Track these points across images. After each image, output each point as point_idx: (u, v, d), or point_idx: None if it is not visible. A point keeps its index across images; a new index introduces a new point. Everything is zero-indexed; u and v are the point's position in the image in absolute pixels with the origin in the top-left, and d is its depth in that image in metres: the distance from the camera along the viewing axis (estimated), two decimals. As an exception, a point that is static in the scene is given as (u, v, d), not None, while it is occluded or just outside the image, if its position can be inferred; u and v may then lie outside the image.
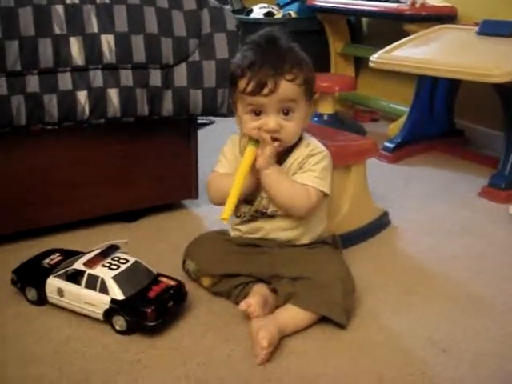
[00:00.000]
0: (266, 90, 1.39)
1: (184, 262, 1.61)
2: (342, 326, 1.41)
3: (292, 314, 1.39)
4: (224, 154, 1.57)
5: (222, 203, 1.44)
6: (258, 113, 1.43)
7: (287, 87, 1.40)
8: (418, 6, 2.83)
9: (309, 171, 1.49)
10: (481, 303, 1.56)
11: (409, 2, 2.86)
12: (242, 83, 1.42)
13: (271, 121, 1.42)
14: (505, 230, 2.01)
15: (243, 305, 1.39)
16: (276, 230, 1.53)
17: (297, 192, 1.46)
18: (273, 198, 1.48)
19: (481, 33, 2.44)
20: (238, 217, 1.56)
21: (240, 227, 1.56)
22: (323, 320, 1.42)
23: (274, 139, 1.43)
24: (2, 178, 1.73)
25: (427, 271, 1.72)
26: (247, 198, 1.51)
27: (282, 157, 1.49)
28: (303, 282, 1.41)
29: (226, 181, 1.45)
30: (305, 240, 1.54)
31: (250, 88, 1.40)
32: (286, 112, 1.43)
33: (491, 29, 2.41)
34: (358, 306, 1.49)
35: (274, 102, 1.41)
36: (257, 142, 1.43)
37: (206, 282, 1.55)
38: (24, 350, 1.33)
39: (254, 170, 1.43)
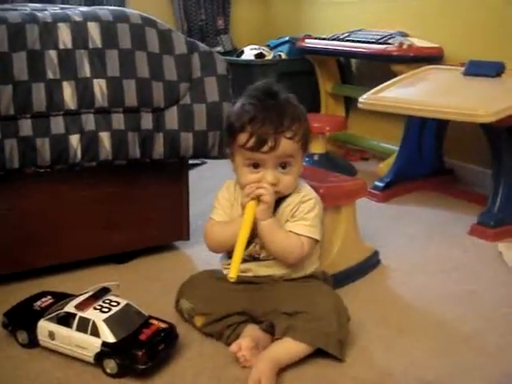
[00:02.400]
0: (266, 148, 1.43)
1: (177, 301, 1.61)
2: (337, 359, 1.42)
3: (287, 347, 1.40)
4: (219, 201, 1.60)
5: (220, 251, 1.57)
6: (256, 166, 1.47)
7: (286, 144, 1.45)
8: (405, 47, 2.89)
9: (301, 220, 1.52)
10: (472, 342, 1.56)
11: (396, 44, 2.91)
12: (241, 138, 1.46)
13: (269, 175, 1.46)
14: (494, 268, 2.01)
15: (234, 347, 1.39)
16: (265, 271, 1.55)
17: (291, 243, 1.50)
18: (267, 246, 1.51)
19: (467, 73, 2.48)
20: (230, 258, 1.57)
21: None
22: (315, 359, 1.42)
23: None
24: (-9, 220, 1.73)
25: (418, 310, 1.73)
26: None
27: (275, 203, 1.51)
28: (300, 316, 1.42)
29: (225, 231, 1.52)
30: (295, 276, 1.56)
31: (250, 144, 1.44)
32: (284, 166, 1.48)
33: (477, 69, 2.44)
34: (349, 346, 1.49)
35: (273, 157, 1.45)
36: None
37: (199, 321, 1.55)
38: (15, 394, 1.33)
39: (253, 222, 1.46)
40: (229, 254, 1.57)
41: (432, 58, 2.90)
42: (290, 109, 1.48)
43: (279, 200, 1.53)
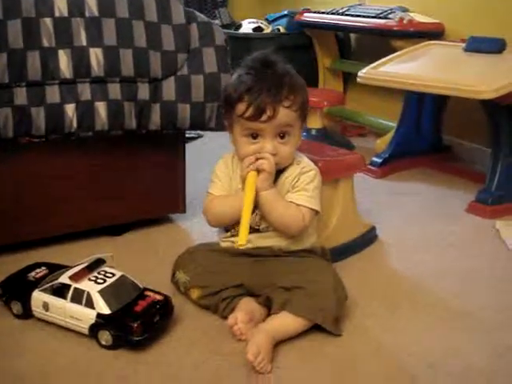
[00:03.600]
0: (264, 117, 1.42)
1: (174, 273, 1.60)
2: (334, 334, 1.42)
3: (284, 321, 1.40)
4: (217, 175, 1.59)
5: (221, 226, 1.57)
6: (254, 136, 1.47)
7: (285, 113, 1.44)
8: (405, 22, 2.86)
9: (302, 190, 1.52)
10: (469, 318, 1.56)
11: (397, 19, 2.88)
12: (240, 107, 1.45)
13: (268, 145, 1.46)
14: (491, 245, 2.01)
15: (231, 320, 1.39)
16: (264, 242, 1.54)
17: (291, 213, 1.49)
18: (268, 217, 1.50)
19: (468, 49, 2.45)
20: (228, 231, 1.56)
21: (232, 239, 1.56)
22: (310, 333, 1.42)
23: None
24: (-13, 191, 1.72)
25: (414, 286, 1.72)
26: None
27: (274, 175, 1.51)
28: (297, 291, 1.42)
29: (226, 205, 1.52)
30: (294, 248, 1.55)
31: (248, 113, 1.43)
32: (283, 135, 1.47)
33: (478, 45, 2.42)
34: (344, 320, 1.49)
35: (271, 127, 1.44)
36: None
37: (195, 294, 1.54)
38: (8, 364, 1.32)
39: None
40: (226, 228, 1.57)
41: (433, 33, 2.87)
42: (287, 78, 1.46)
43: (278, 172, 1.52)
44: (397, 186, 2.60)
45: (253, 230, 1.53)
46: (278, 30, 3.69)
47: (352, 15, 3.19)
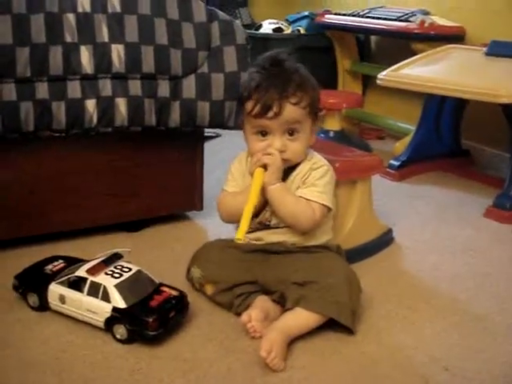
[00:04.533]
0: (270, 113, 1.44)
1: (189, 269, 1.61)
2: (348, 333, 1.42)
3: (298, 317, 1.40)
4: (231, 173, 1.60)
5: (232, 222, 1.55)
6: (264, 133, 1.48)
7: (292, 110, 1.45)
8: (426, 25, 2.84)
9: (312, 186, 1.52)
10: (484, 322, 1.55)
11: (418, 22, 2.87)
12: (248, 105, 1.47)
13: (277, 142, 1.47)
14: (509, 250, 2.00)
15: (244, 317, 1.39)
16: (276, 238, 1.55)
17: (301, 208, 1.49)
18: (277, 212, 1.50)
19: (489, 53, 2.45)
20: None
21: (247, 235, 1.55)
22: (325, 333, 1.42)
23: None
24: (6, 184, 1.73)
25: (430, 289, 1.72)
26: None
27: (285, 171, 1.51)
28: (311, 286, 1.41)
29: (236, 200, 1.51)
30: (307, 244, 1.55)
31: (255, 110, 1.45)
32: (291, 132, 1.48)
33: (499, 49, 2.41)
34: (359, 322, 1.49)
35: (278, 124, 1.45)
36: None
37: (210, 289, 1.55)
38: (24, 355, 1.33)
39: (262, 188, 1.46)
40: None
41: (453, 37, 2.86)
42: (295, 76, 1.47)
43: (290, 169, 1.53)
44: (414, 189, 2.59)
45: (263, 226, 1.55)
46: (298, 31, 3.69)
47: (373, 17, 3.18)
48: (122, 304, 1.37)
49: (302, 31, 3.68)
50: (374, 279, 1.72)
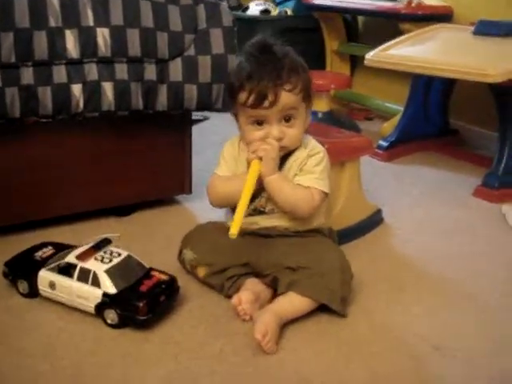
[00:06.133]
0: (266, 103, 1.41)
1: (180, 251, 1.61)
2: (340, 315, 1.43)
3: (291, 301, 1.40)
4: (223, 157, 1.59)
5: (221, 206, 1.57)
6: (260, 122, 1.46)
7: (287, 97, 1.43)
8: (414, 5, 2.83)
9: (309, 173, 1.51)
10: (474, 302, 1.56)
11: (405, 1, 2.86)
12: (242, 96, 1.44)
13: (274, 130, 1.45)
14: (498, 229, 2.01)
15: (235, 300, 1.40)
16: (271, 222, 1.54)
17: (300, 195, 1.49)
18: (277, 201, 1.49)
19: (477, 32, 2.44)
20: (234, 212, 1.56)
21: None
22: (316, 314, 1.43)
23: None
24: (-8, 171, 1.72)
25: (420, 269, 1.72)
26: None
27: (282, 158, 1.50)
28: (303, 271, 1.42)
29: (227, 185, 1.52)
30: (300, 228, 1.55)
31: (250, 101, 1.42)
32: (288, 119, 1.46)
33: (487, 29, 2.41)
34: (350, 302, 1.49)
35: (275, 112, 1.43)
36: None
37: (202, 271, 1.55)
38: (15, 342, 1.33)
39: (259, 178, 1.45)
40: (233, 209, 1.56)
41: (441, 16, 2.84)
42: (286, 61, 1.45)
43: (286, 155, 1.51)
44: (403, 169, 2.60)
45: (259, 212, 1.54)
46: (286, 12, 3.67)
47: (360, -2, 3.17)
48: (112, 289, 1.37)
49: (289, 12, 3.66)
50: (363, 260, 1.73)
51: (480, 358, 1.32)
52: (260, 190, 1.48)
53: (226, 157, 1.58)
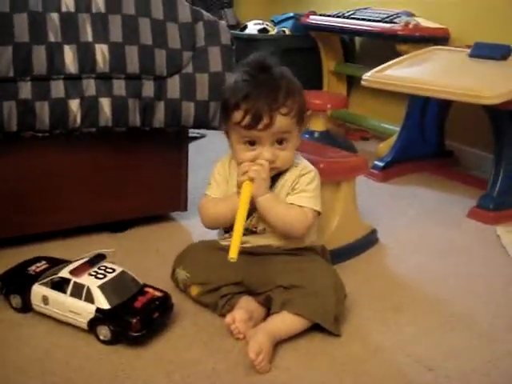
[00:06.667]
0: (261, 125, 1.41)
1: (174, 270, 1.60)
2: (333, 334, 1.42)
3: (285, 321, 1.39)
4: (214, 178, 1.58)
5: (213, 228, 1.59)
6: (252, 143, 1.46)
7: (282, 121, 1.43)
8: (411, 27, 2.86)
9: (302, 192, 1.51)
10: (467, 323, 1.56)
11: (402, 23, 2.88)
12: (236, 115, 1.44)
13: (266, 152, 1.45)
14: (492, 250, 2.01)
15: (228, 319, 1.39)
16: (263, 241, 1.54)
17: (294, 215, 1.49)
18: (269, 221, 1.49)
19: (473, 55, 2.46)
20: (227, 232, 1.56)
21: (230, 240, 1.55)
22: (309, 333, 1.42)
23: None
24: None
25: (414, 290, 1.72)
26: None
27: (273, 178, 1.50)
28: (297, 290, 1.41)
29: (218, 208, 1.53)
30: (293, 246, 1.54)
31: (245, 122, 1.42)
32: (281, 142, 1.47)
33: (483, 51, 2.43)
34: (343, 322, 1.49)
35: (268, 134, 1.43)
36: None
37: (195, 291, 1.54)
38: (6, 357, 1.32)
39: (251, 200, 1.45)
40: (225, 229, 1.57)
41: (438, 38, 2.88)
42: (283, 83, 1.45)
43: (277, 175, 1.51)
44: (398, 189, 2.60)
45: (250, 232, 1.53)
46: (284, 31, 3.69)
47: (358, 19, 3.20)
48: (105, 305, 1.36)
49: (287, 32, 3.69)
50: (358, 279, 1.72)
51: (474, 379, 1.32)
52: (251, 210, 1.48)
53: (217, 178, 1.58)
